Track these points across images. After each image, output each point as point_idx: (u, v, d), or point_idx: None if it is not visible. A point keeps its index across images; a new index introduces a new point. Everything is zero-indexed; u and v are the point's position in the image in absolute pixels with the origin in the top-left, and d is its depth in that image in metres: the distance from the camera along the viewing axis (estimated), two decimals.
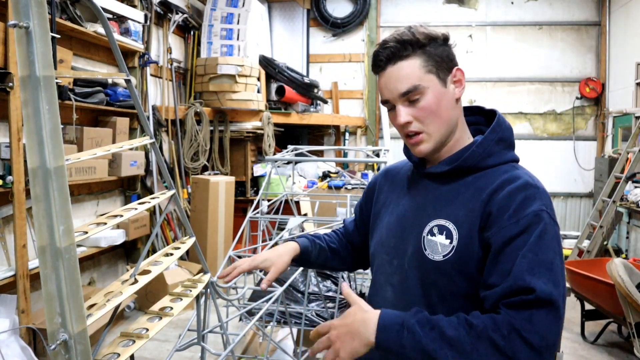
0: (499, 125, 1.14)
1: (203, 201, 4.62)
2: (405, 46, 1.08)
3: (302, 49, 6.82)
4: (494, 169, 1.11)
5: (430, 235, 1.09)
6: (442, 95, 1.09)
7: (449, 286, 1.06)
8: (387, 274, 1.19)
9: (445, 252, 1.06)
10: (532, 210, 1.00)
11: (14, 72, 2.75)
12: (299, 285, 2.85)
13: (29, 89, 0.76)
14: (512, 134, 1.17)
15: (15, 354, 2.75)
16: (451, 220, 1.07)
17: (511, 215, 1.00)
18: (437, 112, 1.08)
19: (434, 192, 1.14)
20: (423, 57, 1.08)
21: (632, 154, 4.83)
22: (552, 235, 1.00)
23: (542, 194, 1.04)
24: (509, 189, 1.04)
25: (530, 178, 1.07)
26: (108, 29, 0.97)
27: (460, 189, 1.10)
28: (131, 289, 1.05)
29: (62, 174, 0.79)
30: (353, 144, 6.88)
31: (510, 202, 1.02)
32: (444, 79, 1.10)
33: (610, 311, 3.33)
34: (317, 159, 3.90)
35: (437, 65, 1.09)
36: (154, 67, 4.78)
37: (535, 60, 6.61)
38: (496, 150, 1.12)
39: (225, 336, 1.49)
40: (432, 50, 1.09)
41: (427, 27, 1.11)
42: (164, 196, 1.20)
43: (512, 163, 1.14)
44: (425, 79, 1.07)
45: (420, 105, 1.08)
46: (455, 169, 1.12)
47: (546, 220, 1.00)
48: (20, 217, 2.87)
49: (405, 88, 1.07)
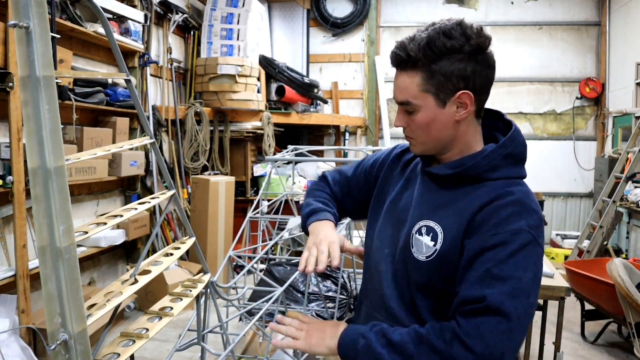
0: (511, 140, 1.11)
1: (203, 201, 4.61)
2: (409, 60, 1.05)
3: (302, 49, 6.82)
4: (495, 182, 1.09)
5: (418, 234, 1.11)
6: (436, 116, 1.07)
7: (428, 286, 1.09)
8: (376, 261, 1.22)
9: (429, 253, 1.08)
10: (513, 228, 0.99)
11: (14, 72, 2.75)
12: (299, 285, 2.85)
13: (29, 89, 0.76)
14: (524, 150, 1.13)
15: (15, 354, 2.75)
16: (440, 224, 1.08)
17: (491, 227, 1.01)
18: (427, 130, 1.10)
19: (433, 193, 1.15)
20: (424, 75, 1.05)
21: (632, 154, 4.83)
22: (527, 255, 0.99)
23: (531, 214, 1.02)
24: (498, 202, 1.03)
25: (525, 196, 1.05)
26: (108, 29, 0.97)
27: (458, 196, 1.10)
28: (131, 289, 1.05)
29: (62, 174, 0.79)
30: (353, 144, 6.88)
31: (495, 215, 1.02)
32: (444, 100, 1.06)
33: (610, 311, 3.33)
34: (317, 159, 3.89)
35: (439, 86, 1.04)
36: (154, 67, 4.78)
37: (535, 60, 6.61)
38: (502, 164, 1.10)
39: (225, 336, 1.49)
40: (439, 68, 1.03)
41: (459, 34, 1.03)
42: (164, 196, 1.20)
43: (517, 179, 1.11)
44: (419, 97, 1.06)
45: (413, 118, 1.10)
46: (456, 174, 1.11)
47: (524, 241, 0.99)
48: (20, 217, 2.87)
49: (400, 99, 1.10)
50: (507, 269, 0.97)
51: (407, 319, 1.12)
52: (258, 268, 3.16)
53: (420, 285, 1.10)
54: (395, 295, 1.14)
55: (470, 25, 1.06)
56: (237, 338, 1.72)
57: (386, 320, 1.14)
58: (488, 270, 0.98)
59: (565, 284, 2.66)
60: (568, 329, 3.77)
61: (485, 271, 0.98)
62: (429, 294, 1.09)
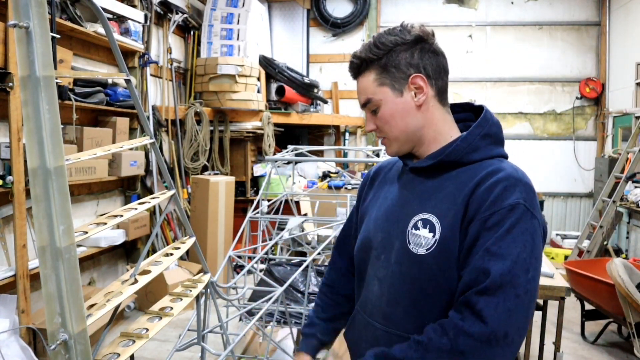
0: (485, 120, 1.14)
1: (203, 201, 4.62)
2: (361, 62, 1.15)
3: (302, 49, 6.82)
4: (479, 163, 1.11)
5: (415, 230, 1.10)
6: (397, 105, 1.13)
7: (431, 282, 1.07)
8: (374, 268, 1.20)
9: (429, 245, 1.07)
10: (509, 202, 1.01)
11: (14, 72, 2.75)
12: (299, 285, 2.85)
13: (29, 89, 0.76)
14: (500, 130, 1.17)
15: (15, 354, 2.75)
16: (434, 213, 1.08)
17: (487, 207, 1.01)
18: (392, 121, 1.14)
19: (420, 186, 1.16)
20: (377, 71, 1.13)
21: (632, 154, 4.83)
22: (524, 228, 1.00)
23: (523, 185, 1.04)
24: (490, 181, 1.04)
25: (514, 170, 1.07)
26: (108, 29, 0.97)
27: (445, 182, 1.11)
28: (131, 289, 1.05)
29: (62, 174, 0.79)
30: (353, 144, 6.88)
31: (490, 193, 1.03)
32: (400, 89, 1.12)
33: (610, 311, 3.33)
34: (317, 159, 3.89)
35: (391, 77, 1.12)
36: (154, 67, 4.78)
37: (535, 60, 6.61)
38: (482, 145, 1.12)
39: (225, 336, 1.49)
40: (387, 61, 1.12)
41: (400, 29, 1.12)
42: (164, 196, 1.20)
43: (499, 158, 1.13)
44: (378, 92, 1.14)
45: (378, 115, 1.16)
46: (439, 163, 1.12)
47: (519, 214, 1.00)
48: (20, 217, 2.88)
49: (362, 100, 1.18)
50: (505, 246, 0.98)
51: (407, 323, 1.10)
52: (258, 268, 3.16)
53: (420, 277, 1.09)
54: (394, 299, 1.13)
55: (411, 24, 1.15)
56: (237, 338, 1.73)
57: (384, 327, 1.14)
58: (487, 250, 0.98)
59: (565, 284, 2.66)
60: (568, 329, 3.77)
61: (484, 251, 0.99)
62: (429, 286, 1.08)
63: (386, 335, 1.13)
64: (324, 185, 5.50)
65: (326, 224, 3.08)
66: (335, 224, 2.80)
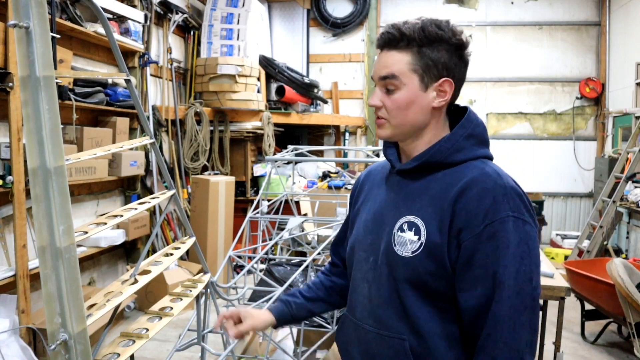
0: (469, 121, 1.14)
1: (203, 201, 4.62)
2: (402, 38, 1.10)
3: (302, 49, 6.82)
4: (464, 165, 1.11)
5: (400, 232, 1.10)
6: (417, 98, 1.10)
7: (417, 283, 1.08)
8: (363, 271, 1.20)
9: (414, 248, 1.07)
10: (500, 216, 1.01)
11: (14, 72, 2.75)
12: (299, 285, 2.84)
13: (29, 89, 0.76)
14: (484, 131, 1.16)
15: (15, 354, 2.75)
16: (420, 216, 1.08)
17: (480, 221, 1.02)
18: (404, 111, 1.11)
19: (406, 188, 1.16)
20: (415, 56, 1.10)
21: (632, 154, 4.83)
22: (519, 238, 1.01)
23: (510, 194, 1.04)
24: (477, 190, 1.04)
25: (498, 177, 1.06)
26: (108, 29, 0.97)
27: (430, 184, 1.11)
28: (131, 289, 1.05)
29: (62, 174, 0.79)
30: (353, 144, 6.88)
31: (479, 205, 1.03)
32: (427, 84, 1.10)
33: (610, 311, 3.33)
34: (317, 159, 3.90)
35: (425, 68, 1.09)
36: (154, 67, 4.78)
37: (535, 60, 6.61)
38: (466, 145, 1.12)
39: (225, 336, 1.49)
40: (428, 52, 1.09)
41: (447, 27, 1.11)
42: (164, 196, 1.20)
43: (483, 159, 1.13)
44: (406, 75, 1.10)
45: (392, 97, 1.12)
46: (423, 164, 1.12)
47: (511, 225, 1.01)
48: (20, 217, 2.87)
49: (384, 73, 1.11)
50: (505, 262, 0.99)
51: (396, 323, 1.11)
52: (258, 268, 3.16)
53: (406, 280, 1.09)
54: (383, 300, 1.13)
55: (458, 26, 1.14)
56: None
57: (376, 330, 1.14)
58: (486, 269, 1.00)
59: (565, 284, 2.66)
60: (568, 329, 3.77)
61: (484, 271, 1.00)
62: (416, 288, 1.08)
63: (378, 337, 1.12)
64: (324, 185, 5.50)
65: (326, 224, 3.08)
66: (335, 224, 2.80)
